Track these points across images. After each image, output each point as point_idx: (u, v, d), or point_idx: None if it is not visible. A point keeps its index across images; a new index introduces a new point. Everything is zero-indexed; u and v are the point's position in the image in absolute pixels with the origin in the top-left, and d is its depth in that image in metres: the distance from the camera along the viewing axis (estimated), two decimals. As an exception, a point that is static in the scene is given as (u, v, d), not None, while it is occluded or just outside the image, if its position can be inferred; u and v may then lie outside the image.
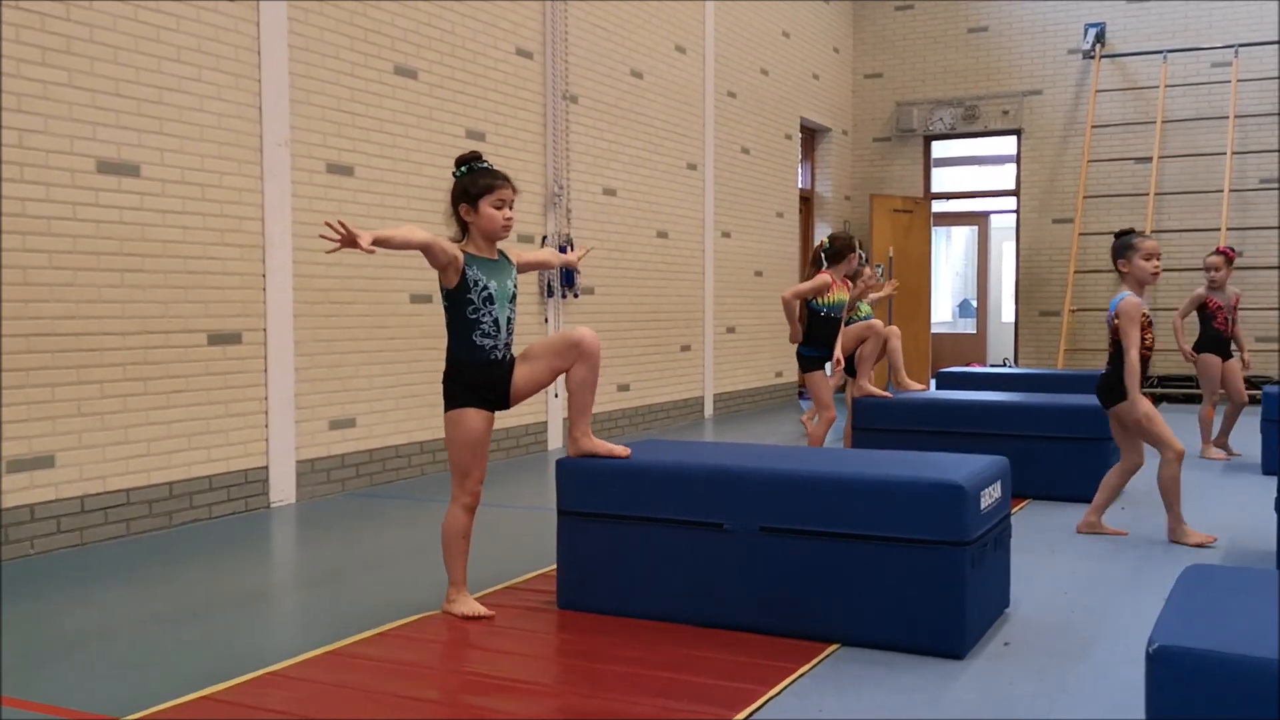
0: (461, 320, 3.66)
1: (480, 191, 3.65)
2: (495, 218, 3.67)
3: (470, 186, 3.66)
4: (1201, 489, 6.30)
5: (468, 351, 3.67)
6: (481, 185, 3.65)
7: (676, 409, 9.74)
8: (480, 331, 3.67)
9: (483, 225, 3.68)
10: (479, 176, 3.67)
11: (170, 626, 3.76)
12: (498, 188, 3.67)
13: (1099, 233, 12.22)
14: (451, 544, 3.75)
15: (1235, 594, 2.10)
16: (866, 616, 3.38)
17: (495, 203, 3.66)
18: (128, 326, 5.11)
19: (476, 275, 3.64)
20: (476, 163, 3.71)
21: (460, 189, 3.68)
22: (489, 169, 3.71)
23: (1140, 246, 4.84)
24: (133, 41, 5.12)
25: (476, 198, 3.65)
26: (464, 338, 3.67)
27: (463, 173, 3.70)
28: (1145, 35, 12.17)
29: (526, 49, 7.76)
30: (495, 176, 3.69)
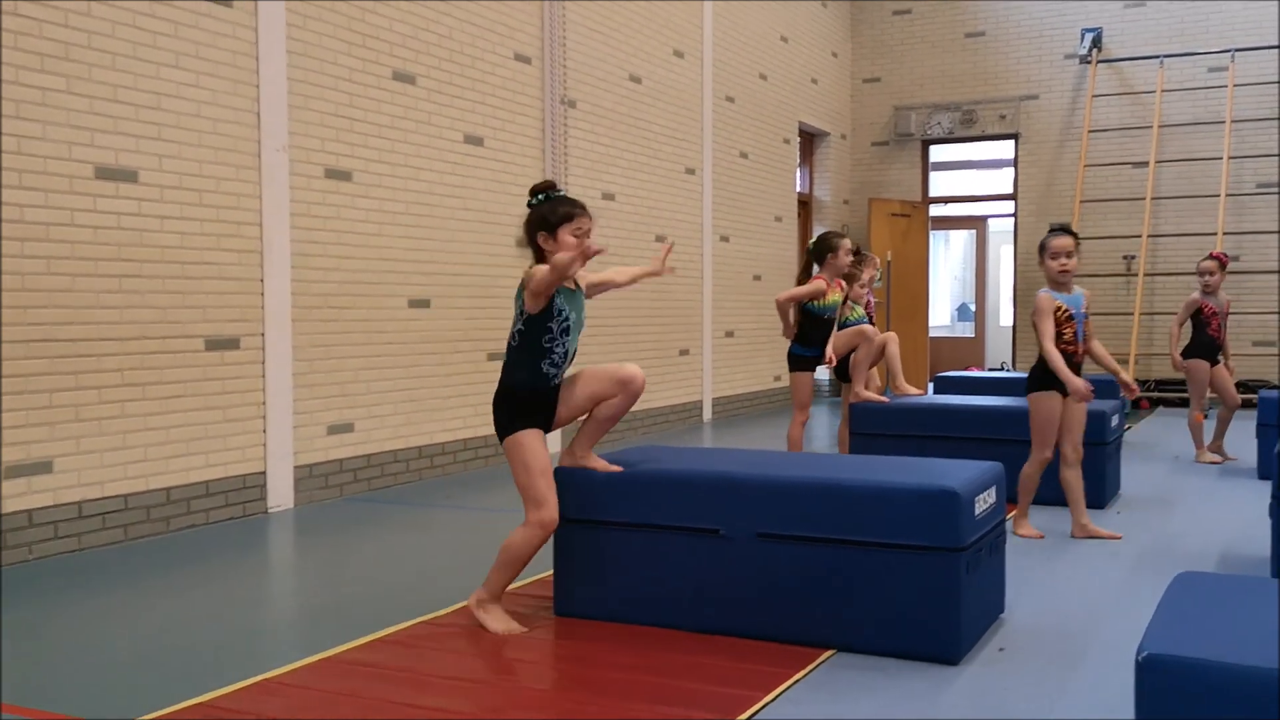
0: (534, 347, 3.60)
1: (560, 220, 3.60)
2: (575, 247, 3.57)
3: (549, 215, 3.61)
4: (1197, 493, 6.31)
5: (531, 377, 3.62)
6: (561, 213, 3.60)
7: (675, 413, 9.75)
8: (550, 361, 3.62)
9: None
10: (558, 205, 3.62)
11: (167, 633, 3.77)
12: (577, 215, 3.61)
13: (1097, 237, 12.24)
14: (511, 563, 3.65)
15: (1226, 601, 2.11)
16: (862, 622, 3.39)
17: (575, 231, 3.60)
18: (126, 332, 5.12)
19: (561, 305, 3.59)
20: (553, 191, 3.66)
21: (539, 217, 3.63)
22: (566, 197, 3.66)
23: (1049, 246, 4.99)
24: (130, 48, 5.14)
25: (556, 226, 3.59)
26: (532, 364, 3.61)
27: (540, 201, 3.64)
28: (1142, 40, 12.20)
29: (525, 54, 7.78)
30: (574, 205, 3.64)
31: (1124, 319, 11.99)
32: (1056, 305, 4.93)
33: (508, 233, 7.60)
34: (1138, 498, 6.15)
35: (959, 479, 3.39)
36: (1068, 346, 4.94)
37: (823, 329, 6.18)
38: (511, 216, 7.63)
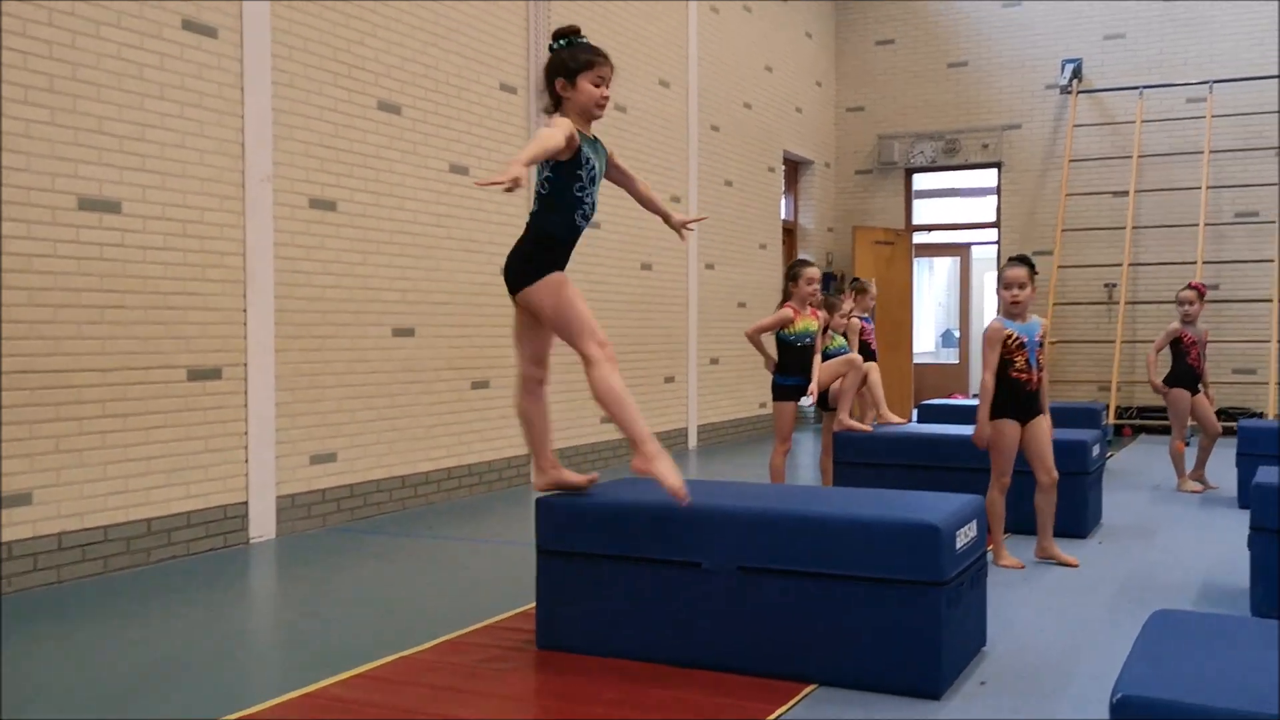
0: (567, 197, 3.53)
1: (580, 66, 3.52)
2: (594, 94, 3.54)
3: (570, 60, 3.52)
4: (1178, 523, 6.34)
5: (566, 228, 3.56)
6: (582, 60, 3.52)
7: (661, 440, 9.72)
8: (581, 212, 3.57)
9: (580, 101, 3.55)
10: (579, 51, 3.54)
11: (146, 667, 3.74)
12: (598, 64, 3.54)
13: (1078, 265, 12.34)
14: (623, 403, 3.50)
15: (1201, 641, 2.12)
16: (844, 656, 3.39)
17: (595, 79, 3.53)
18: (107, 363, 5.10)
19: (588, 153, 3.53)
20: (576, 37, 3.55)
21: (559, 62, 3.54)
22: (589, 44, 3.56)
23: (1003, 276, 5.11)
24: (115, 79, 5.15)
25: (576, 73, 3.52)
26: (566, 214, 3.54)
27: (561, 45, 3.55)
28: (1121, 71, 12.33)
29: (510, 84, 7.82)
30: (595, 53, 3.55)
31: (1106, 347, 12.06)
32: (1007, 334, 5.02)
33: (493, 261, 7.61)
34: (1119, 527, 6.17)
35: (940, 513, 3.41)
36: (1020, 374, 5.04)
37: (800, 357, 6.18)
38: (497, 245, 7.65)
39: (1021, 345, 5.04)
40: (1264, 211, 11.64)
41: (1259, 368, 11.46)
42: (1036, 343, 5.08)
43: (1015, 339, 5.03)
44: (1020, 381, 5.03)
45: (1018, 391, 5.04)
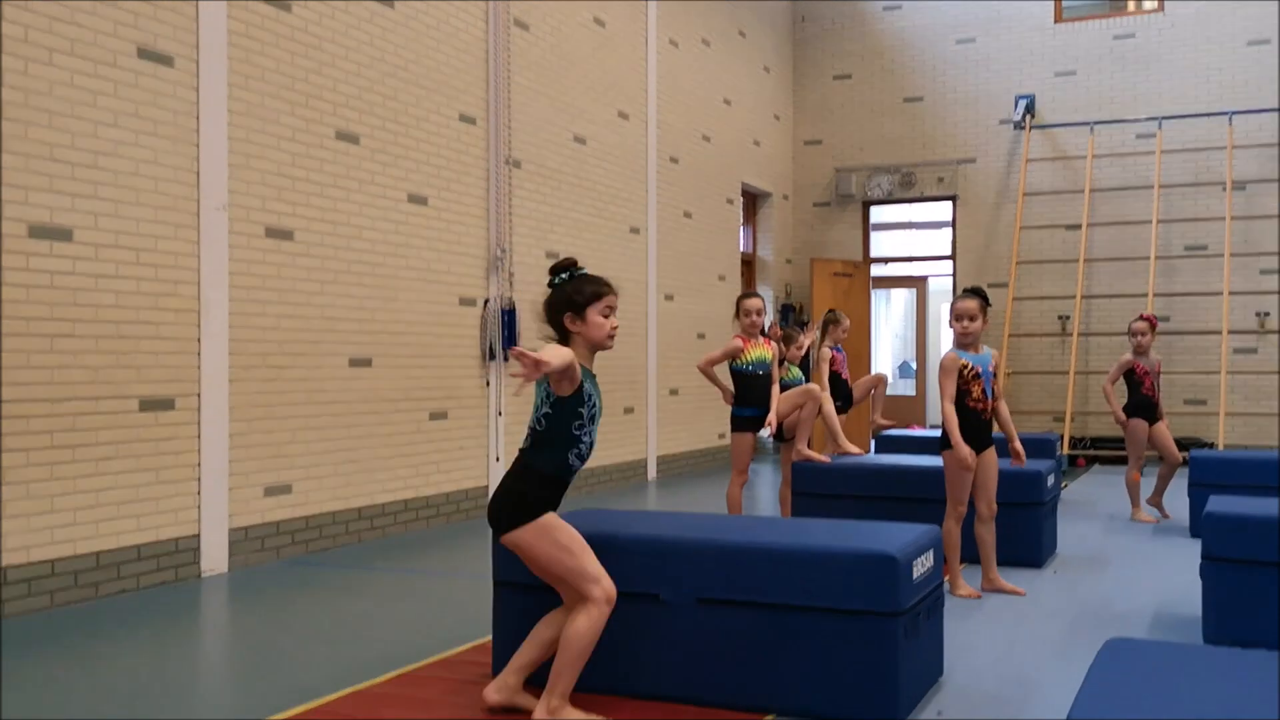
0: (564, 434, 3.36)
1: (587, 299, 3.39)
2: (604, 326, 3.41)
3: (576, 295, 3.39)
4: (1132, 553, 6.40)
5: (557, 467, 3.37)
6: (589, 293, 3.39)
7: (620, 471, 9.73)
8: (577, 452, 3.40)
9: (591, 335, 3.41)
10: (584, 283, 3.41)
11: (92, 702, 3.66)
12: (605, 294, 3.41)
13: (1032, 297, 12.50)
14: (582, 654, 3.28)
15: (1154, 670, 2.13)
16: (802, 686, 3.39)
17: (604, 310, 3.41)
18: (56, 393, 5.02)
19: (590, 390, 3.40)
20: (575, 269, 3.44)
21: (564, 298, 3.40)
22: (591, 275, 3.45)
23: (954, 308, 5.20)
24: (69, 106, 5.10)
25: (583, 306, 3.39)
26: (559, 452, 3.37)
27: (565, 279, 3.43)
28: (1073, 107, 12.56)
29: (469, 114, 7.82)
30: (600, 283, 3.43)
31: (1060, 377, 12.20)
32: (962, 364, 5.09)
33: (451, 291, 7.59)
34: (1074, 557, 6.22)
35: (897, 543, 3.42)
36: (976, 404, 5.12)
37: (756, 386, 6.20)
38: (455, 275, 7.63)
39: (977, 375, 5.11)
40: (1212, 245, 11.87)
41: (1209, 398, 11.65)
42: (990, 373, 5.15)
43: (971, 369, 5.11)
44: (976, 411, 5.11)
45: (973, 421, 5.10)
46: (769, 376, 6.23)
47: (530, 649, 3.46)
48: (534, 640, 3.46)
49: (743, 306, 6.28)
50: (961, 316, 5.13)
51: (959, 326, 5.14)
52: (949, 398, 5.08)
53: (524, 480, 3.36)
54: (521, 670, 3.47)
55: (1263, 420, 11.55)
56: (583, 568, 3.30)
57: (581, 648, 3.28)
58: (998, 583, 5.27)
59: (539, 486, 3.35)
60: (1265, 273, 11.66)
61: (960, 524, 5.20)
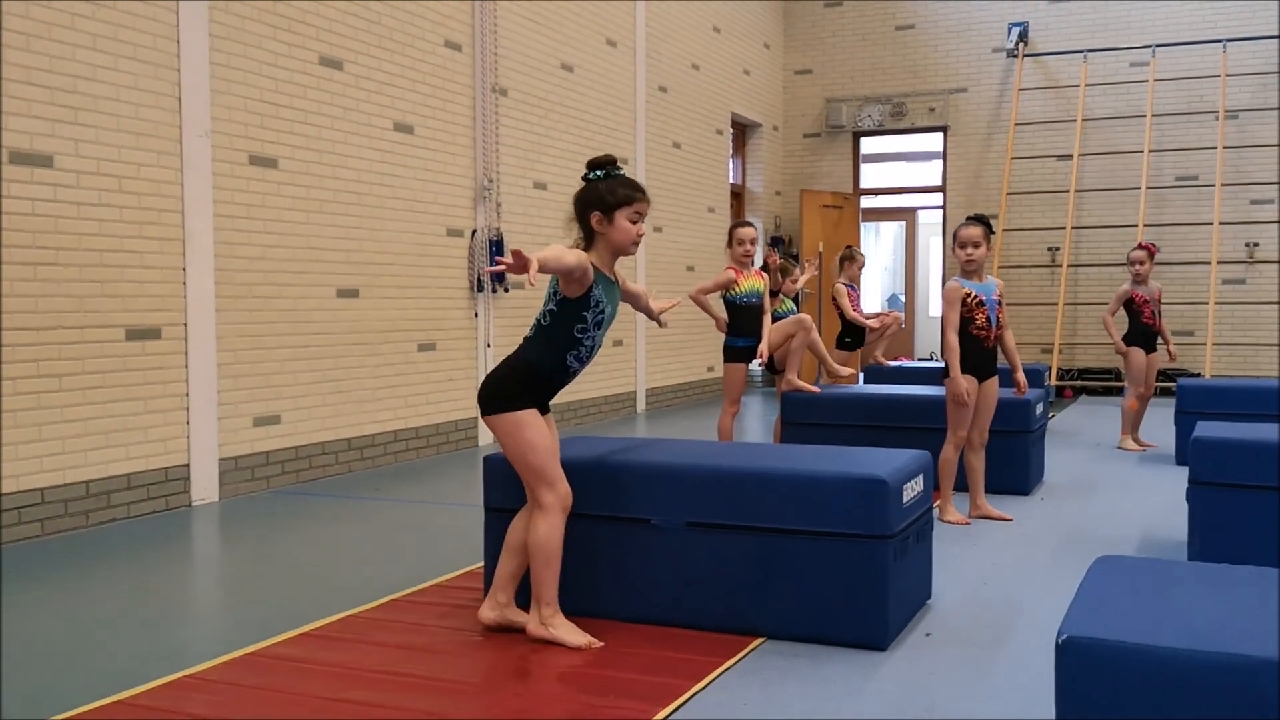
0: (563, 335, 3.34)
1: (619, 202, 3.32)
2: (630, 232, 3.35)
3: (608, 195, 3.32)
4: (1117, 480, 6.45)
5: (552, 365, 3.36)
6: (621, 195, 3.33)
7: (609, 404, 9.74)
8: (576, 354, 3.38)
9: (615, 239, 3.35)
10: (618, 185, 3.34)
11: (85, 629, 3.67)
12: (637, 200, 3.35)
13: (1022, 229, 12.46)
14: (550, 559, 3.33)
15: (1144, 585, 2.15)
16: (791, 610, 3.41)
17: (633, 215, 3.34)
18: (41, 321, 4.97)
19: (600, 296, 3.34)
20: (614, 169, 3.37)
21: (595, 195, 3.34)
22: (628, 178, 3.38)
23: (958, 235, 5.15)
24: (45, 28, 4.98)
25: (614, 208, 3.32)
26: (555, 352, 3.35)
27: (599, 176, 3.36)
28: (1066, 35, 12.42)
29: (455, 41, 7.69)
30: (635, 188, 3.37)
31: (1049, 309, 12.21)
32: (965, 293, 5.06)
33: (438, 221, 7.52)
34: (1061, 484, 6.27)
35: (887, 467, 3.43)
36: (979, 332, 5.10)
37: (749, 317, 6.18)
38: (442, 205, 7.56)
39: (981, 303, 5.09)
40: (1203, 175, 11.82)
41: (1197, 329, 11.68)
42: (995, 301, 5.13)
43: (974, 297, 5.09)
44: (980, 339, 5.10)
45: (977, 349, 5.09)
46: (762, 307, 6.21)
47: (508, 559, 3.50)
48: (509, 549, 3.50)
49: (736, 235, 6.24)
50: (965, 244, 5.10)
51: (963, 254, 5.11)
52: (951, 327, 5.07)
53: (516, 370, 3.37)
54: (507, 583, 3.51)
55: (1249, 350, 11.60)
56: (542, 468, 3.33)
57: (547, 554, 3.33)
58: (986, 509, 5.31)
59: (530, 380, 3.36)
60: (1256, 203, 11.64)
61: (958, 452, 5.22)
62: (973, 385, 5.09)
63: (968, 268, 5.13)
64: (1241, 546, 4.04)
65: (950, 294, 5.10)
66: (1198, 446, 4.22)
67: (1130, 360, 7.65)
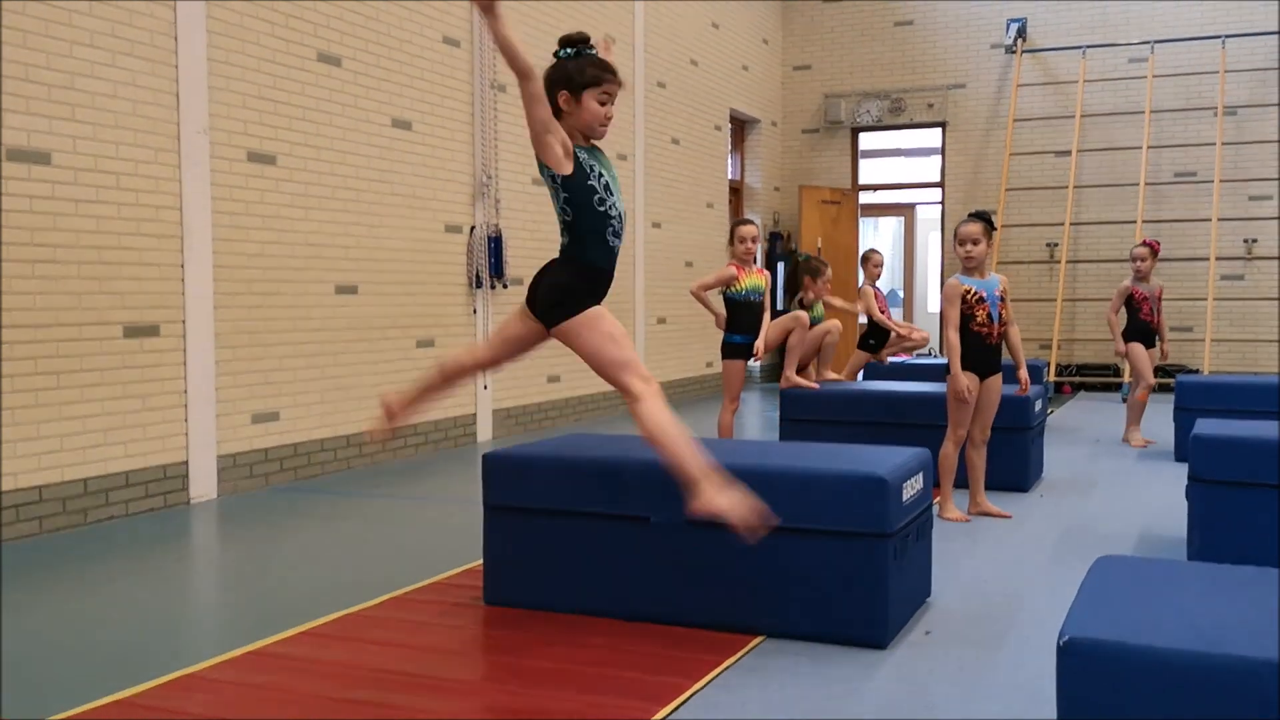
0: (591, 214, 3.26)
1: (587, 81, 3.25)
2: (598, 113, 3.27)
3: (577, 74, 3.25)
4: (1117, 476, 6.45)
5: (603, 254, 3.30)
6: (589, 75, 3.25)
7: (607, 400, 9.74)
8: (612, 229, 3.31)
9: (583, 119, 3.28)
10: (587, 64, 3.26)
11: (83, 628, 3.67)
12: (606, 80, 3.26)
13: (1021, 225, 12.45)
14: (678, 438, 3.18)
15: (1145, 585, 2.15)
16: (791, 608, 3.41)
17: (601, 96, 3.27)
18: (39, 319, 4.96)
19: (589, 161, 3.28)
20: (585, 47, 3.28)
21: (563, 73, 3.26)
22: (598, 58, 3.29)
23: (958, 232, 5.14)
24: (43, 25, 4.97)
25: (582, 88, 3.24)
26: (598, 237, 3.27)
27: (568, 54, 3.28)
28: (1065, 31, 12.40)
29: (454, 37, 7.68)
30: (605, 68, 3.28)
31: (1047, 305, 12.20)
32: (965, 289, 5.05)
33: (437, 218, 7.51)
34: (1060, 481, 6.27)
35: (887, 465, 3.42)
36: (980, 329, 5.08)
37: (748, 314, 6.19)
38: (441, 201, 7.54)
39: (981, 300, 5.08)
40: (1202, 171, 11.81)
41: (1196, 325, 11.67)
42: (997, 297, 5.12)
43: (974, 294, 5.07)
44: (981, 335, 5.08)
45: (979, 346, 5.08)
46: (761, 304, 6.22)
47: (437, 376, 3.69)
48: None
49: (738, 233, 6.25)
50: (965, 240, 5.09)
51: (963, 251, 5.10)
52: (951, 325, 5.05)
53: (569, 273, 3.33)
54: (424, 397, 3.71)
55: (1248, 346, 11.60)
56: (626, 358, 3.28)
57: (670, 435, 3.17)
58: (985, 506, 5.31)
59: (584, 278, 3.32)
60: (1254, 199, 11.64)
61: (959, 449, 5.22)
62: (973, 382, 5.09)
63: (968, 264, 5.12)
64: (1241, 544, 4.04)
65: (950, 291, 5.09)
66: (1197, 443, 4.21)
67: (1132, 355, 7.65)
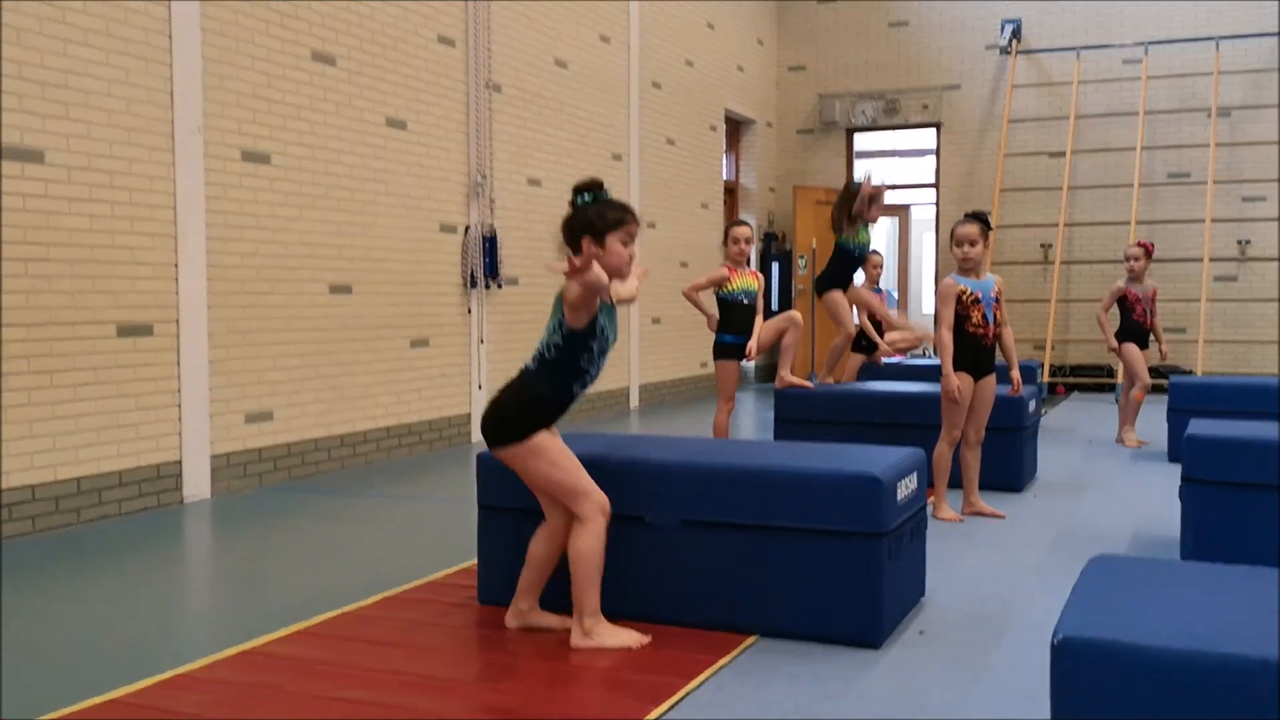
0: (570, 364, 3.33)
1: (609, 226, 3.29)
2: (623, 255, 3.32)
3: (597, 220, 3.29)
4: (1109, 477, 6.46)
5: (559, 392, 3.36)
6: (611, 219, 3.30)
7: (602, 400, 9.73)
8: (581, 382, 3.39)
9: (610, 263, 3.29)
10: (607, 209, 3.31)
11: (76, 627, 3.66)
12: (627, 222, 3.32)
13: (1015, 225, 12.47)
14: (593, 573, 3.30)
15: (1138, 584, 2.15)
16: (785, 607, 3.41)
17: (624, 238, 3.31)
18: (33, 318, 4.95)
19: (604, 323, 3.34)
20: (600, 191, 3.34)
21: (585, 221, 3.30)
22: (615, 201, 3.36)
23: (954, 233, 5.14)
24: (36, 23, 4.96)
25: (604, 233, 3.29)
26: (563, 380, 3.35)
27: (586, 200, 3.33)
28: (1059, 32, 12.43)
29: (448, 36, 7.67)
30: (625, 211, 3.34)
31: (1041, 306, 12.22)
32: (961, 290, 5.05)
33: (431, 218, 7.50)
34: (1053, 481, 6.28)
35: (881, 465, 3.43)
36: (976, 329, 5.08)
37: (741, 314, 6.19)
38: (435, 201, 7.54)
39: (977, 300, 5.08)
40: (1195, 172, 11.84)
41: (1189, 326, 11.70)
42: (992, 299, 5.13)
43: (970, 294, 5.08)
44: (976, 336, 5.08)
45: (973, 346, 5.08)
46: (754, 306, 6.21)
47: (528, 571, 3.50)
48: (530, 563, 3.50)
49: (732, 234, 6.25)
50: (962, 241, 5.08)
51: (959, 252, 5.09)
52: (945, 324, 5.05)
53: (522, 401, 3.35)
54: (528, 591, 3.51)
55: (1241, 347, 11.63)
56: (574, 484, 3.32)
57: (591, 565, 3.30)
58: (979, 506, 5.32)
59: (536, 410, 3.35)
60: (1248, 200, 11.67)
61: (953, 449, 5.23)
62: (966, 382, 5.09)
63: (964, 265, 5.12)
64: (1234, 544, 4.04)
65: (945, 291, 5.09)
66: (1191, 444, 4.22)
67: (1126, 355, 7.67)
